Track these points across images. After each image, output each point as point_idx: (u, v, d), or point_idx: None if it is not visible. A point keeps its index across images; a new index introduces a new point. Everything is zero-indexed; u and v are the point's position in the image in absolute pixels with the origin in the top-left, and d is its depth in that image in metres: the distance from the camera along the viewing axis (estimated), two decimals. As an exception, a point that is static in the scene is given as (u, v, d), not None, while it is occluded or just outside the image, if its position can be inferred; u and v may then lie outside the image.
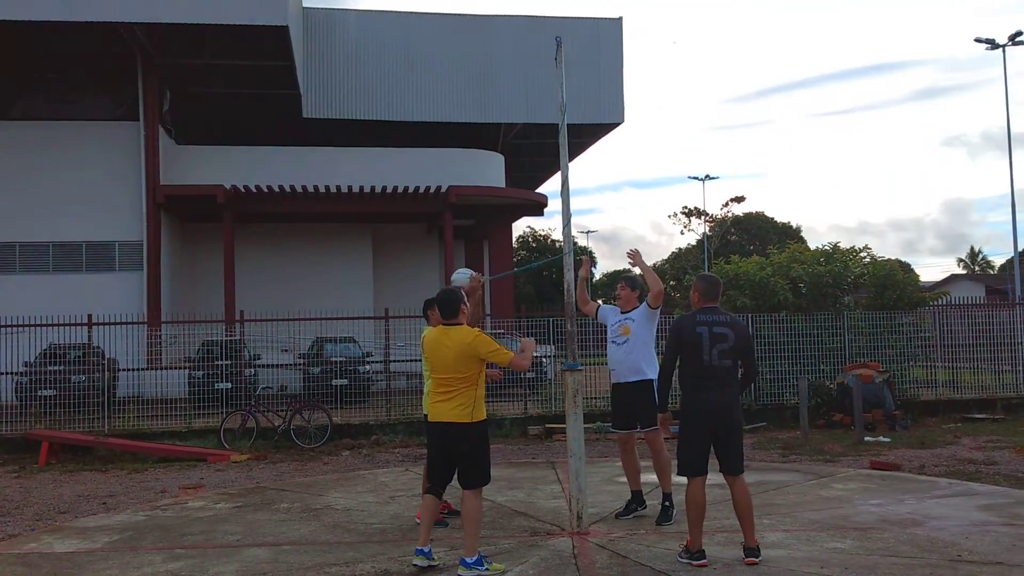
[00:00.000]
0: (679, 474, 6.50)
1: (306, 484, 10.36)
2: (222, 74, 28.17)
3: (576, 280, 7.81)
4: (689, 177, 78.06)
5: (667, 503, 7.55)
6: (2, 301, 21.51)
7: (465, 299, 6.45)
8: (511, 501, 8.84)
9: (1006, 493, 8.82)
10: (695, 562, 6.19)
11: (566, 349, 7.67)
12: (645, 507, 7.83)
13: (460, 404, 6.19)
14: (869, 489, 9.04)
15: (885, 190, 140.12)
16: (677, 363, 6.44)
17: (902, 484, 9.33)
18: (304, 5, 29.10)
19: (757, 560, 6.16)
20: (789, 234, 56.77)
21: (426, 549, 6.28)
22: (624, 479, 8.13)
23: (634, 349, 7.57)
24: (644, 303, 7.69)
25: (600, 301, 8.35)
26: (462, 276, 7.68)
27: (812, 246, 18.48)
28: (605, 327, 8.02)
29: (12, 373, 15.80)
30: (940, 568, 6.11)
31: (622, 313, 7.82)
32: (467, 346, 6.14)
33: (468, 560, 6.12)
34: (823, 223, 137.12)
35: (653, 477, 7.94)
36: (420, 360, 7.88)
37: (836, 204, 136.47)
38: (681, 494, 6.50)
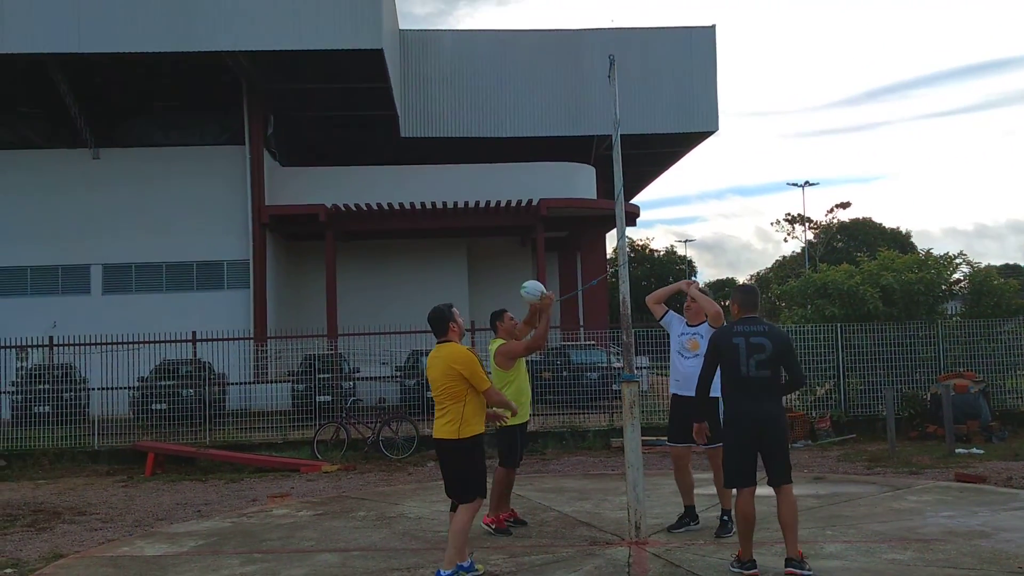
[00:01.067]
0: (726, 486, 6.55)
1: (386, 493, 10.77)
2: (322, 98, 29.22)
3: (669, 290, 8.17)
4: (788, 184, 76.45)
5: (726, 517, 7.57)
6: (120, 319, 22.75)
7: (456, 317, 6.54)
8: (577, 512, 9.01)
9: (1089, 506, 8.52)
10: (746, 571, 6.26)
11: (623, 360, 7.80)
12: (698, 522, 7.87)
13: (449, 420, 6.34)
14: (944, 501, 8.87)
15: (1004, 191, 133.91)
16: (716, 374, 6.49)
17: (980, 496, 9.10)
18: (400, 28, 29.98)
19: (798, 572, 6.08)
20: (898, 240, 55.01)
21: (465, 564, 6.40)
22: (704, 492, 8.17)
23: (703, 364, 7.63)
24: (706, 321, 7.80)
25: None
26: (533, 292, 7.90)
27: (921, 251, 17.91)
28: (668, 336, 8.16)
29: (127, 387, 16.80)
30: (996, 581, 6.03)
31: (689, 326, 7.93)
32: (450, 363, 6.29)
33: (442, 573, 6.21)
34: (937, 227, 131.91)
35: (706, 490, 8.00)
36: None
37: (951, 207, 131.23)
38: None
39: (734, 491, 6.49)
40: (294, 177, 28.06)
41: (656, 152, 35.18)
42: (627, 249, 9.14)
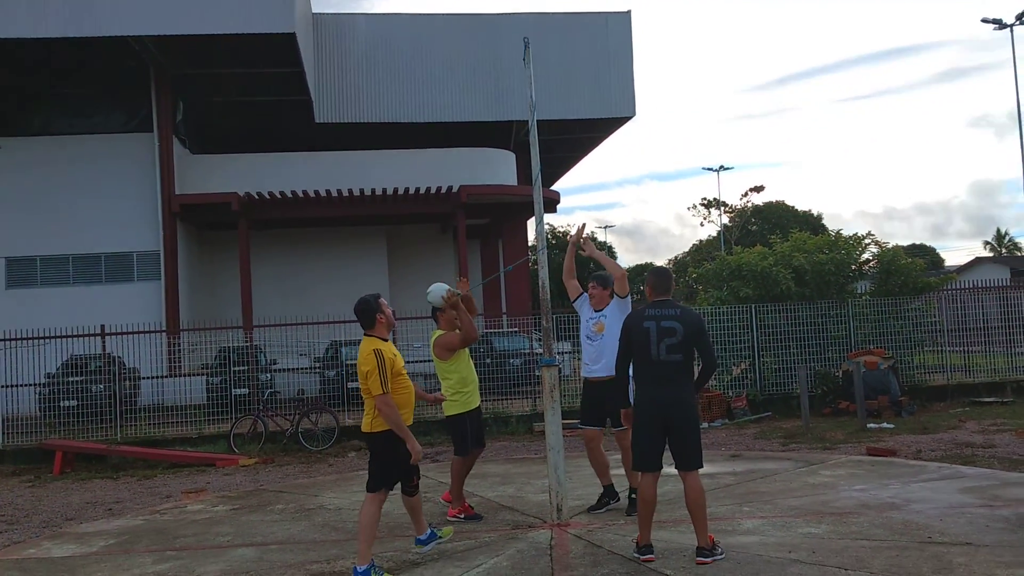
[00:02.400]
0: (633, 469, 6.52)
1: (305, 485, 10.58)
2: (233, 82, 28.50)
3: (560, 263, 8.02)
4: (703, 168, 78.84)
5: (634, 495, 7.57)
6: (26, 314, 21.98)
7: (381, 308, 6.37)
8: (500, 496, 8.98)
9: (993, 476, 8.83)
10: (642, 557, 6.17)
11: (543, 345, 7.78)
12: (618, 500, 7.91)
13: (366, 412, 6.29)
14: (857, 475, 9.09)
15: (911, 174, 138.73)
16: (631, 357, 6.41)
17: (891, 469, 9.36)
18: (314, 11, 29.42)
19: (708, 560, 6.00)
20: (810, 222, 56.47)
21: (423, 537, 6.67)
22: (613, 472, 8.18)
23: (607, 346, 7.58)
24: (615, 298, 7.80)
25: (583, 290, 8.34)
26: (435, 298, 7.79)
27: (832, 232, 18.29)
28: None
29: (33, 384, 16.18)
30: (908, 550, 6.18)
31: (596, 311, 7.91)
32: (359, 358, 6.22)
33: (357, 568, 6.08)
34: (848, 210, 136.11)
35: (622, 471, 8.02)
36: (431, 361, 8.07)
37: (861, 190, 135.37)
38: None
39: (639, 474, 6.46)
40: (205, 165, 27.32)
41: (575, 138, 35.33)
42: (547, 235, 9.11)
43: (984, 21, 31.78)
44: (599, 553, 6.51)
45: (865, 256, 17.45)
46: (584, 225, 8.10)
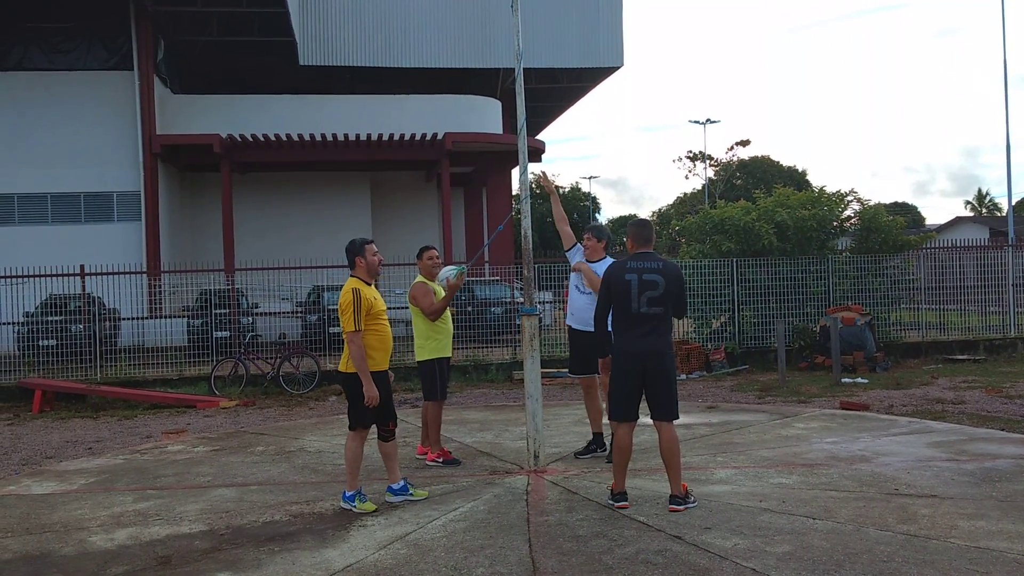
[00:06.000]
0: (609, 419, 6.61)
1: (285, 428, 10.66)
2: (216, 21, 28.01)
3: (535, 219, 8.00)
4: (690, 121, 78.49)
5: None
6: (2, 252, 21.78)
7: (363, 252, 6.64)
8: (478, 442, 9.09)
9: (961, 431, 9.01)
10: (617, 504, 6.29)
11: (524, 294, 7.83)
12: (605, 449, 8.03)
13: (344, 352, 6.61)
14: (829, 428, 9.25)
15: (898, 131, 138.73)
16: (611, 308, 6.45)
17: (862, 423, 9.53)
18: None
19: (680, 508, 6.12)
20: (795, 178, 56.54)
21: (396, 486, 6.83)
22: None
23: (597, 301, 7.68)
24: (607, 256, 7.86)
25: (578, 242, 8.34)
26: (443, 276, 7.99)
27: (815, 189, 18.31)
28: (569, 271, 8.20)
29: (12, 323, 16.13)
30: (874, 501, 6.32)
31: (589, 263, 7.95)
32: (340, 296, 6.52)
33: (345, 493, 6.65)
34: (833, 165, 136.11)
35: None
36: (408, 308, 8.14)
37: (847, 146, 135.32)
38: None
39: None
40: (187, 105, 26.97)
41: (561, 87, 35.07)
42: (531, 185, 9.11)
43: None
44: (574, 499, 6.63)
45: (847, 213, 17.55)
46: (543, 173, 8.20)
